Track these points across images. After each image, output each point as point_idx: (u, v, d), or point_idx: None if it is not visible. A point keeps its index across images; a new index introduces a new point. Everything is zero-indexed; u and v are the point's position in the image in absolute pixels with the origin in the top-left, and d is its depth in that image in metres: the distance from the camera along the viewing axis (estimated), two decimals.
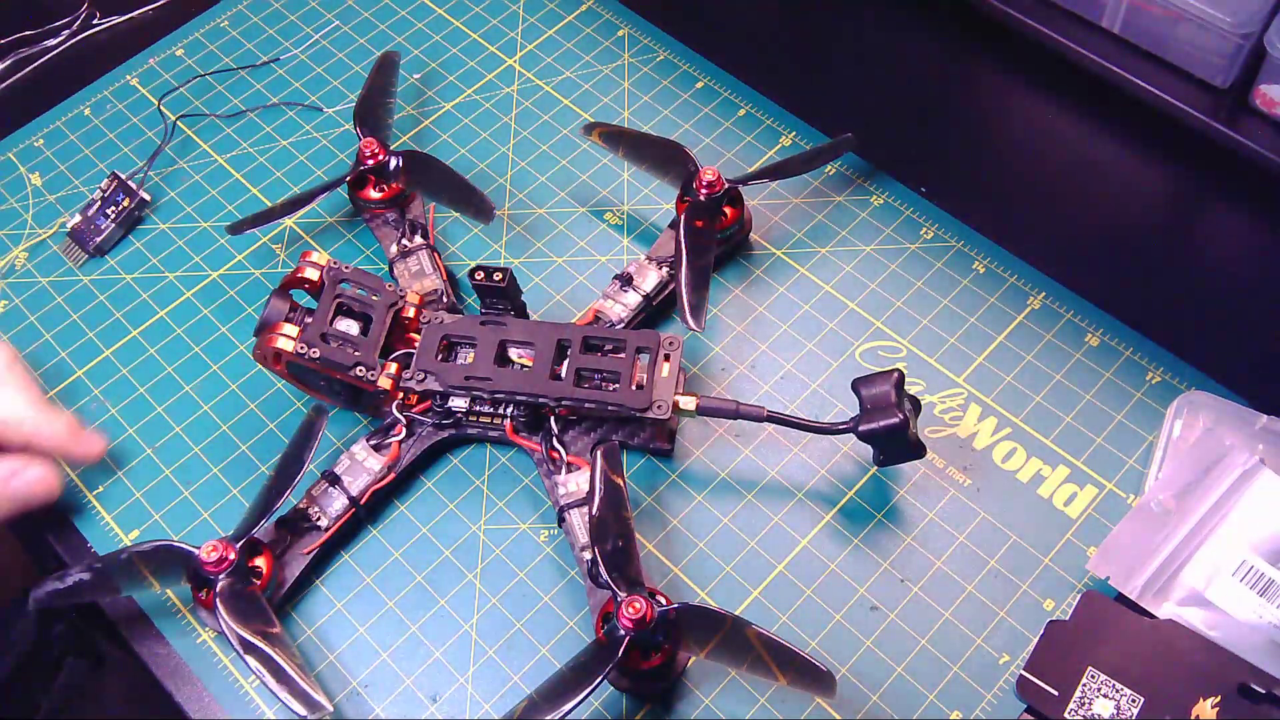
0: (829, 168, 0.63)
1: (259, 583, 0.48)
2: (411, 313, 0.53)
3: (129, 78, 0.70)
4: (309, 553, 0.50)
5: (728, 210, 0.57)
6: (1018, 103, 0.66)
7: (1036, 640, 0.47)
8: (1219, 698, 0.44)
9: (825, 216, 0.61)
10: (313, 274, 0.52)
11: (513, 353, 0.52)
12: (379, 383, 0.51)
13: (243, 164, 0.65)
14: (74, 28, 0.72)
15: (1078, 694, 0.45)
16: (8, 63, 0.71)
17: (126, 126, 0.67)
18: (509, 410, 0.52)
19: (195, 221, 0.63)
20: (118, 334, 0.59)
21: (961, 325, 0.57)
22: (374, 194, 0.59)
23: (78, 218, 0.62)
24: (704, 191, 0.55)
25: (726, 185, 0.56)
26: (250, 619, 0.46)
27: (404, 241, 0.58)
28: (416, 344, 0.52)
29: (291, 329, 0.50)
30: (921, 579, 0.50)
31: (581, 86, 0.67)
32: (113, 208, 0.62)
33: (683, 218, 0.55)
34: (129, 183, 0.63)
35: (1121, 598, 0.48)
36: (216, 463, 0.55)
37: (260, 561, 0.49)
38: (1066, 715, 0.45)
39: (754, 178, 0.57)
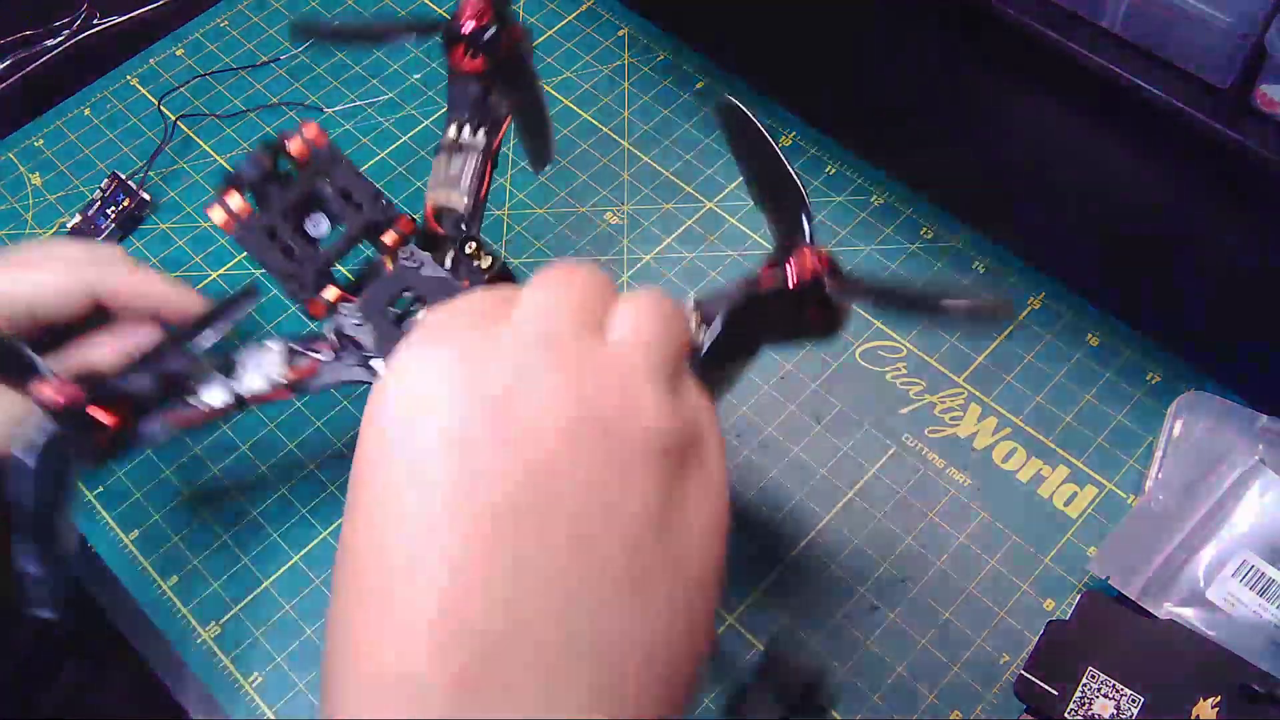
0: (829, 167, 0.63)
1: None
2: (390, 240, 0.46)
3: (129, 78, 0.70)
4: (174, 425, 0.44)
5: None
6: (1018, 102, 0.66)
7: (1036, 640, 0.47)
8: (1219, 698, 0.44)
9: (825, 216, 0.61)
10: (296, 148, 0.45)
11: None
12: (308, 308, 0.45)
13: None
14: (74, 28, 0.72)
15: (1078, 694, 0.45)
16: (8, 63, 0.71)
17: (126, 126, 0.67)
18: None
19: (195, 221, 0.63)
20: None
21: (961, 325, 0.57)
22: (463, 60, 0.49)
23: (78, 218, 0.62)
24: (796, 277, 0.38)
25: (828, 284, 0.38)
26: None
27: (464, 130, 0.49)
28: (386, 273, 0.45)
29: (238, 202, 0.44)
30: (921, 579, 0.50)
31: (581, 86, 0.67)
32: (113, 208, 0.62)
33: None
34: (129, 183, 0.63)
35: (1121, 598, 0.48)
36: (216, 462, 0.55)
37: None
38: (1066, 715, 0.45)
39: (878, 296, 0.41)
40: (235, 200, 0.43)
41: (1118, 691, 0.45)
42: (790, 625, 0.49)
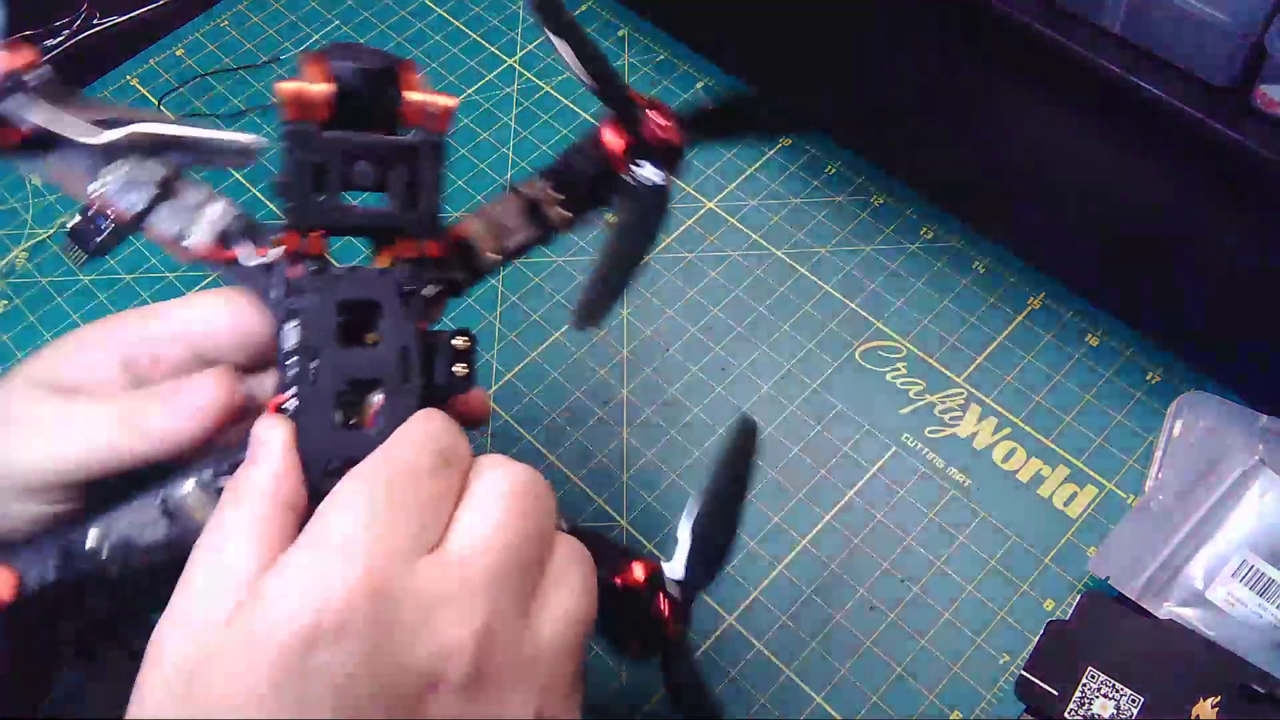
0: (829, 167, 0.63)
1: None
2: (403, 250, 0.36)
3: (129, 78, 0.70)
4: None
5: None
6: (1018, 102, 0.66)
7: (1036, 640, 0.47)
8: (1219, 698, 0.44)
9: (825, 216, 0.61)
10: (413, 102, 0.35)
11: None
12: (285, 232, 0.36)
13: None
14: (74, 28, 0.72)
15: (1078, 694, 0.45)
16: None
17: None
18: None
19: None
20: None
21: (961, 325, 0.57)
22: (610, 144, 0.42)
23: (78, 218, 0.62)
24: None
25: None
26: (85, 113, 0.35)
27: (542, 203, 0.41)
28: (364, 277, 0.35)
29: (320, 91, 0.35)
30: (921, 579, 0.50)
31: (582, 86, 0.67)
32: (113, 208, 0.62)
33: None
34: None
35: (1121, 598, 0.48)
36: None
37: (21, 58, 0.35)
38: (1066, 715, 0.45)
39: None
40: (319, 88, 0.35)
41: (1118, 691, 0.45)
42: (790, 625, 0.49)
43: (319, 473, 0.33)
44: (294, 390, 0.34)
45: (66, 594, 0.35)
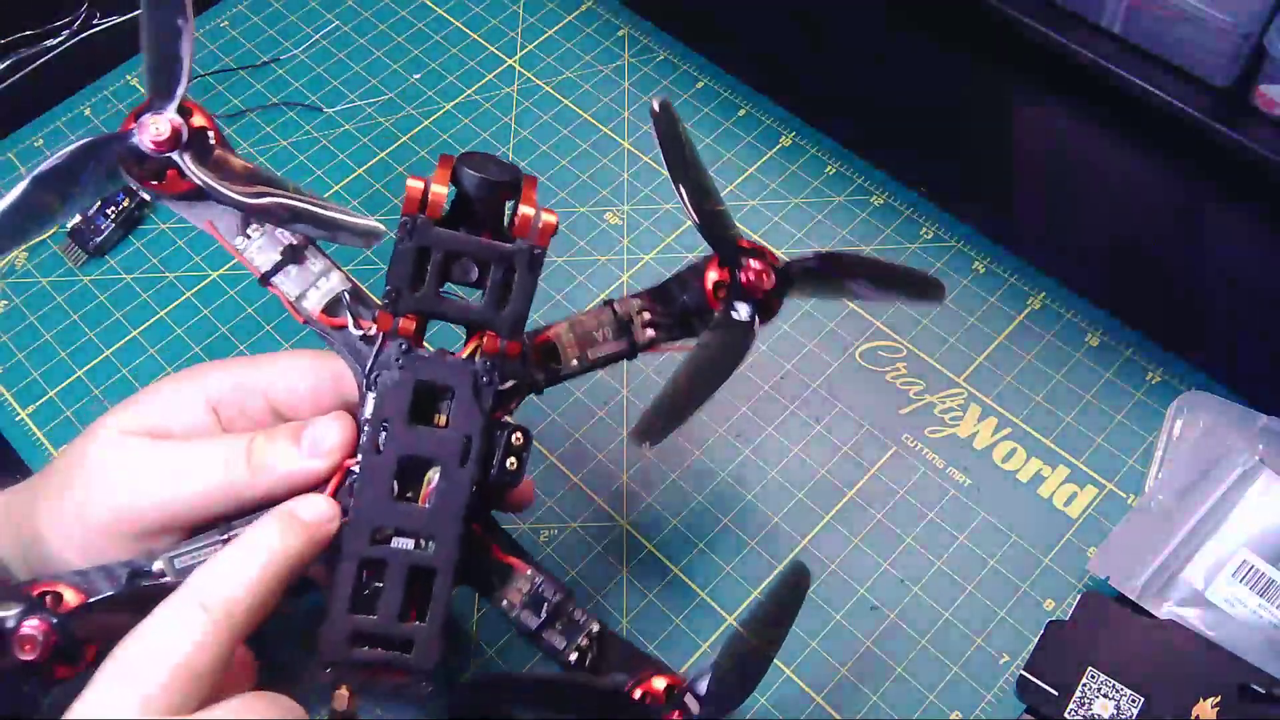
0: (829, 167, 0.63)
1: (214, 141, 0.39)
2: (484, 343, 0.38)
3: (129, 78, 0.70)
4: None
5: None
6: (1017, 102, 0.66)
7: (1036, 640, 0.47)
8: (1219, 698, 0.44)
9: (825, 216, 0.61)
10: (526, 219, 0.37)
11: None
12: (380, 313, 0.38)
13: None
14: (74, 28, 0.72)
15: (1078, 694, 0.45)
16: (8, 63, 0.71)
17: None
18: None
19: None
20: (118, 334, 0.59)
21: (961, 325, 0.57)
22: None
23: (78, 217, 0.62)
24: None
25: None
26: (239, 176, 0.38)
27: (652, 324, 0.43)
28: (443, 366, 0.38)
29: (438, 191, 0.36)
30: (921, 579, 0.50)
31: (581, 86, 0.67)
32: (113, 208, 0.62)
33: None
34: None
35: (1121, 598, 0.48)
36: None
37: (202, 120, 0.39)
38: (1066, 715, 0.45)
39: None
40: (439, 190, 0.36)
41: (1118, 691, 0.45)
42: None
43: (367, 535, 0.36)
44: (360, 456, 0.37)
45: (123, 607, 0.36)
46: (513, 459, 0.38)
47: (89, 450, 0.39)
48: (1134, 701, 0.45)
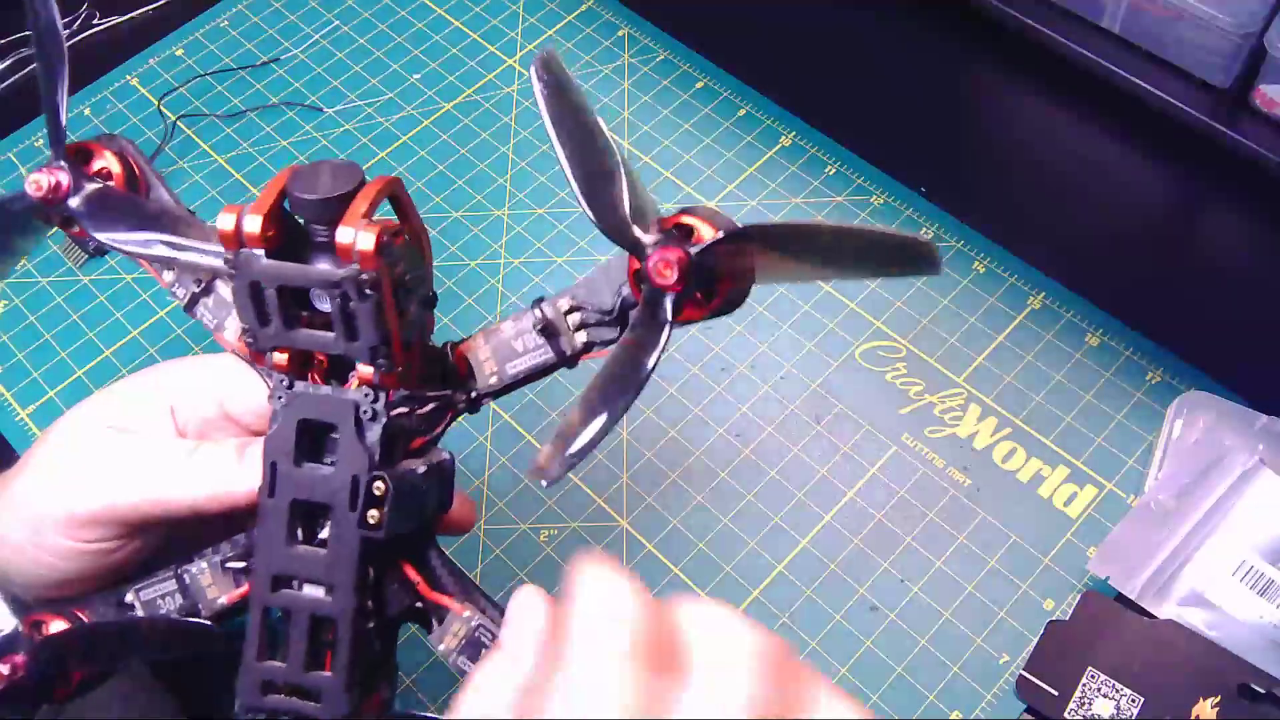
0: (829, 167, 0.63)
1: (117, 184, 0.39)
2: (358, 377, 0.34)
3: (129, 78, 0.70)
4: None
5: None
6: (1017, 102, 0.66)
7: (1036, 640, 0.47)
8: (1219, 698, 0.44)
9: (825, 216, 0.61)
10: (361, 250, 0.32)
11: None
12: (249, 350, 0.35)
13: (243, 164, 0.65)
14: (74, 28, 0.72)
15: (1078, 694, 0.45)
16: (8, 63, 0.71)
17: (126, 126, 0.67)
18: None
19: None
20: (118, 334, 0.59)
21: (961, 325, 0.57)
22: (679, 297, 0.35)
23: None
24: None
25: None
26: (140, 218, 0.37)
27: (575, 327, 0.37)
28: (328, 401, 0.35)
29: (253, 225, 0.33)
30: (921, 579, 0.50)
31: (581, 86, 0.67)
32: None
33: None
34: None
35: (1121, 598, 0.48)
36: None
37: (105, 162, 0.39)
38: (1066, 715, 0.45)
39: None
40: (252, 220, 0.33)
41: (1118, 691, 0.45)
42: (790, 625, 0.49)
43: (267, 582, 0.34)
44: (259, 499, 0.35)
45: (108, 638, 0.37)
46: (374, 511, 0.33)
47: (48, 438, 0.39)
48: (1134, 701, 0.45)
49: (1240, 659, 0.45)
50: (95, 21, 0.73)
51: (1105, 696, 0.45)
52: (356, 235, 0.32)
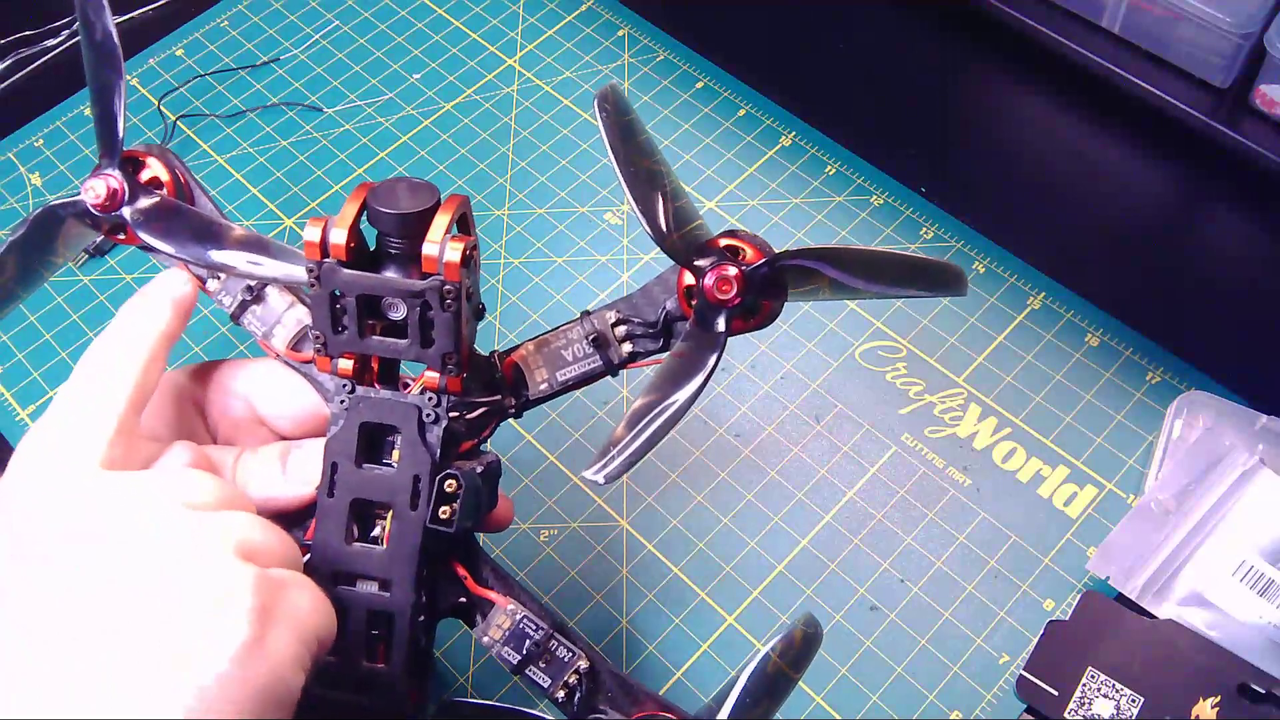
0: (829, 167, 0.63)
1: (168, 191, 0.41)
2: (426, 380, 0.37)
3: (129, 78, 0.70)
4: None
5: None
6: (1017, 102, 0.66)
7: (1036, 640, 0.47)
8: (1219, 698, 0.44)
9: (825, 216, 0.61)
10: (442, 258, 0.35)
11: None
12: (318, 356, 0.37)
13: (243, 164, 0.65)
14: (74, 28, 0.72)
15: (1078, 694, 0.45)
16: (8, 63, 0.71)
17: (126, 126, 0.67)
18: None
19: None
20: None
21: (961, 325, 0.57)
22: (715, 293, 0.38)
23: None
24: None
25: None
26: (194, 231, 0.39)
27: (624, 340, 0.40)
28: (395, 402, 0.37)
29: (338, 237, 0.35)
30: (921, 579, 0.50)
31: (581, 86, 0.67)
32: None
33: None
34: None
35: (1121, 598, 0.48)
36: None
37: (154, 170, 0.41)
38: (1066, 715, 0.45)
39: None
40: (337, 234, 0.35)
41: (1118, 691, 0.45)
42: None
43: (328, 578, 0.36)
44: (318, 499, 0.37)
45: None
46: (445, 507, 0.35)
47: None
48: (1134, 701, 0.45)
49: (1240, 659, 0.45)
50: None
51: (1105, 696, 0.45)
52: (444, 249, 0.34)
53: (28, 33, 0.72)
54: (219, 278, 0.41)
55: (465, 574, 0.38)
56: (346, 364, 0.36)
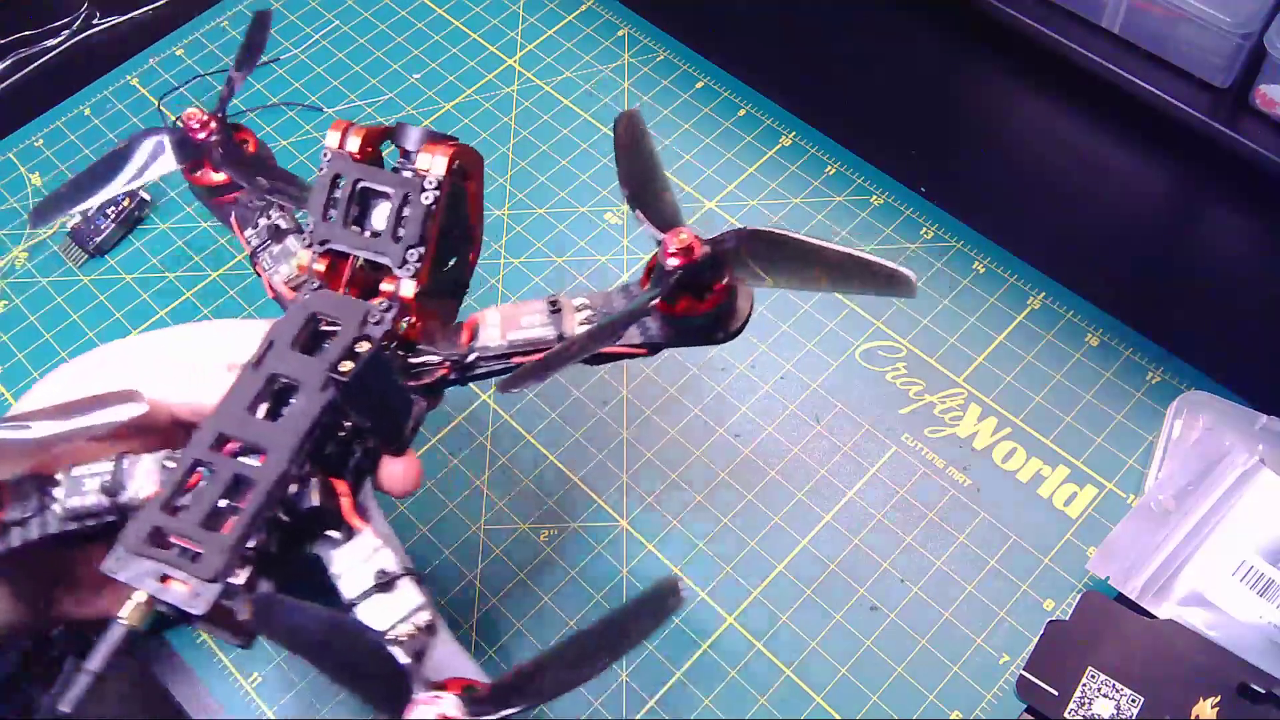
0: (829, 167, 0.63)
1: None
2: (387, 289, 0.38)
3: (129, 78, 0.70)
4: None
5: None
6: (1017, 102, 0.66)
7: (1036, 640, 0.47)
8: (1219, 698, 0.44)
9: (825, 216, 0.61)
10: (430, 163, 0.39)
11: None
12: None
13: None
14: (74, 28, 0.72)
15: (1078, 694, 0.45)
16: (8, 63, 0.71)
17: (126, 126, 0.67)
18: None
19: (195, 221, 0.63)
20: (118, 334, 0.59)
21: (961, 325, 0.57)
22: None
23: (78, 218, 0.62)
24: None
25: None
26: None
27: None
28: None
29: (353, 143, 0.40)
30: (921, 579, 0.50)
31: (581, 86, 0.67)
32: (113, 208, 0.62)
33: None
34: None
35: (1121, 598, 0.48)
36: None
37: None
38: (1066, 715, 0.45)
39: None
40: (353, 140, 0.39)
41: (1118, 691, 0.45)
42: (790, 625, 0.49)
43: (209, 441, 0.35)
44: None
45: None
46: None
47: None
48: (1134, 701, 0.45)
49: (1240, 659, 0.45)
50: (95, 21, 0.73)
51: (1105, 696, 0.45)
52: (435, 156, 0.39)
53: (28, 33, 0.72)
54: (255, 225, 0.46)
55: (347, 493, 0.36)
56: (320, 265, 0.39)
